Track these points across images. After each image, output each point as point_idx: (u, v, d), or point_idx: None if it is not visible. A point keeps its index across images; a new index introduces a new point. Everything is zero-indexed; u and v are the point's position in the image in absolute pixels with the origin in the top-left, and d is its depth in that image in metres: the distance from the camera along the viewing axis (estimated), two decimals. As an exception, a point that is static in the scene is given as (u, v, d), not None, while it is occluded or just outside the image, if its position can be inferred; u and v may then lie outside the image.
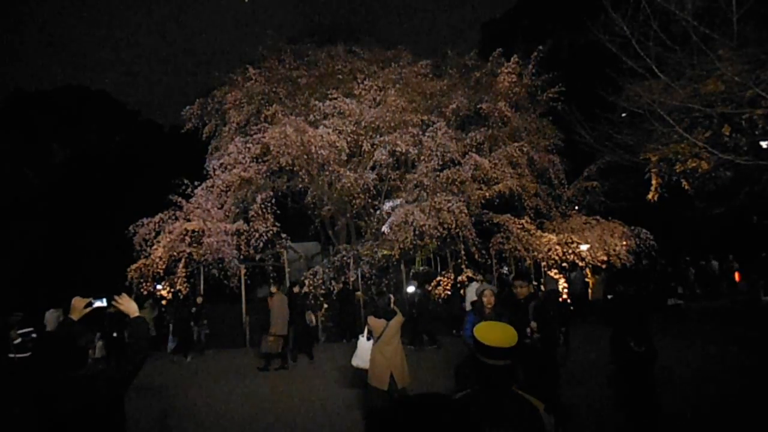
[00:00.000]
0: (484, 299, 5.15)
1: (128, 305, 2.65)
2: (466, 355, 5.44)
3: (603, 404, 5.84)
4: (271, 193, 14.68)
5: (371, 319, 5.51)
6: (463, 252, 14.68)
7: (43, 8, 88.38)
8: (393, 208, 14.51)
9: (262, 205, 13.93)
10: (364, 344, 5.76)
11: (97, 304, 2.86)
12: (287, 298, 10.94)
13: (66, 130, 32.21)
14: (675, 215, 17.69)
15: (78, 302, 2.68)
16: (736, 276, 18.28)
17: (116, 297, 2.70)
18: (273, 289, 11.01)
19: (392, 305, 5.64)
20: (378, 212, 15.68)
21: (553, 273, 15.81)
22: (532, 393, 1.99)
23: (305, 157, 14.43)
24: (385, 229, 14.07)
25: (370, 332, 5.59)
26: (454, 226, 13.73)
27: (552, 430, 1.87)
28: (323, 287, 14.10)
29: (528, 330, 4.89)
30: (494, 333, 2.04)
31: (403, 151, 14.24)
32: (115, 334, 11.94)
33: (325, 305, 13.99)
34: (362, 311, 13.74)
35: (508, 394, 1.95)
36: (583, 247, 15.76)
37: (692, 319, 13.22)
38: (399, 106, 15.15)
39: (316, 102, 15.14)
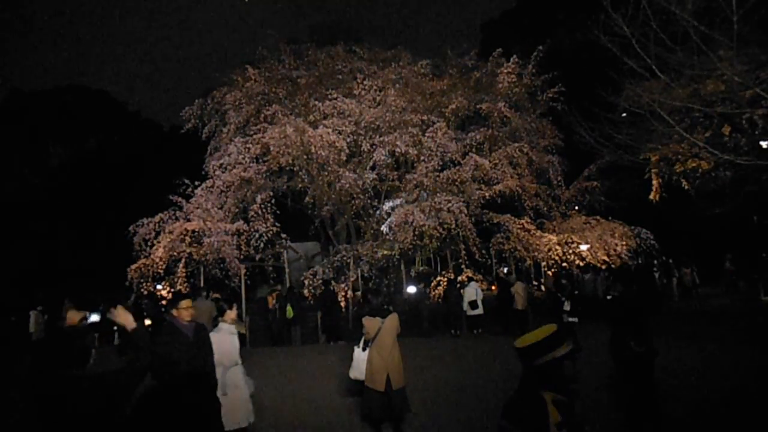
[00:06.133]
0: None
1: (124, 317, 2.55)
2: None
3: (603, 404, 5.84)
4: (271, 193, 14.68)
5: (366, 320, 5.44)
6: (463, 252, 14.67)
7: (43, 8, 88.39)
8: (393, 208, 14.52)
9: (262, 205, 13.92)
10: (360, 356, 5.64)
11: (93, 318, 2.82)
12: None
13: (65, 130, 32.18)
14: (675, 215, 17.70)
15: (73, 316, 2.66)
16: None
17: (112, 309, 2.60)
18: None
19: (386, 305, 5.59)
20: (378, 212, 15.68)
21: (552, 273, 15.81)
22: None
23: (305, 157, 14.43)
24: (384, 229, 14.07)
25: (366, 342, 5.52)
26: (454, 226, 13.73)
27: None
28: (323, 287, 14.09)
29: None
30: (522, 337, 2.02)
31: (403, 151, 14.24)
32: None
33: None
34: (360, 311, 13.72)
35: (530, 397, 1.90)
36: (583, 247, 15.76)
37: (691, 319, 13.18)
38: (399, 106, 15.15)
39: (316, 102, 15.14)
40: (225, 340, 4.84)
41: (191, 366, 4.08)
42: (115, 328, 14.29)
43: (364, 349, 5.54)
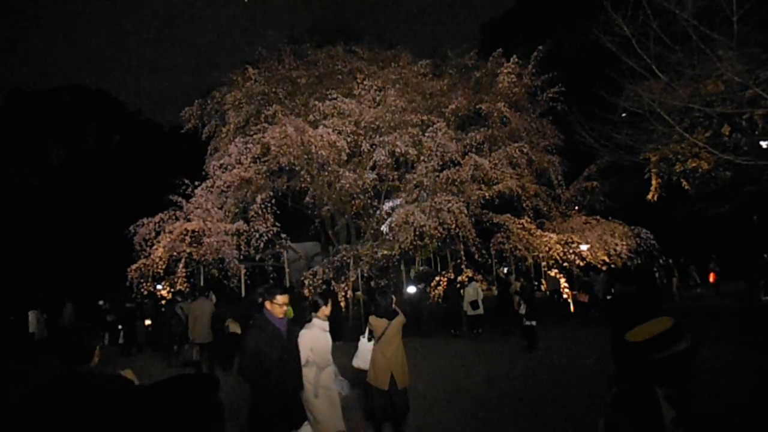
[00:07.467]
0: None
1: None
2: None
3: (602, 405, 5.83)
4: (271, 193, 14.66)
5: (372, 319, 5.48)
6: (462, 252, 14.66)
7: (43, 8, 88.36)
8: (393, 209, 14.50)
9: (262, 205, 13.91)
10: (365, 345, 5.71)
11: None
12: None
13: (65, 129, 32.18)
14: (675, 215, 17.71)
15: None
16: (711, 277, 18.31)
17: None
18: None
19: (394, 305, 5.62)
20: (378, 212, 15.66)
21: (553, 273, 15.81)
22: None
23: (305, 157, 14.42)
24: (384, 229, 14.04)
25: (371, 332, 5.56)
26: (454, 226, 13.73)
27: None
28: (323, 287, 14.10)
29: None
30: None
31: (402, 151, 14.23)
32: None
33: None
34: (362, 311, 13.74)
35: (642, 392, 1.85)
36: (583, 247, 15.75)
37: (691, 319, 13.16)
38: (399, 106, 15.13)
39: (316, 102, 15.13)
40: (319, 337, 4.42)
41: (282, 363, 3.82)
42: (120, 327, 14.34)
43: (369, 340, 5.58)
